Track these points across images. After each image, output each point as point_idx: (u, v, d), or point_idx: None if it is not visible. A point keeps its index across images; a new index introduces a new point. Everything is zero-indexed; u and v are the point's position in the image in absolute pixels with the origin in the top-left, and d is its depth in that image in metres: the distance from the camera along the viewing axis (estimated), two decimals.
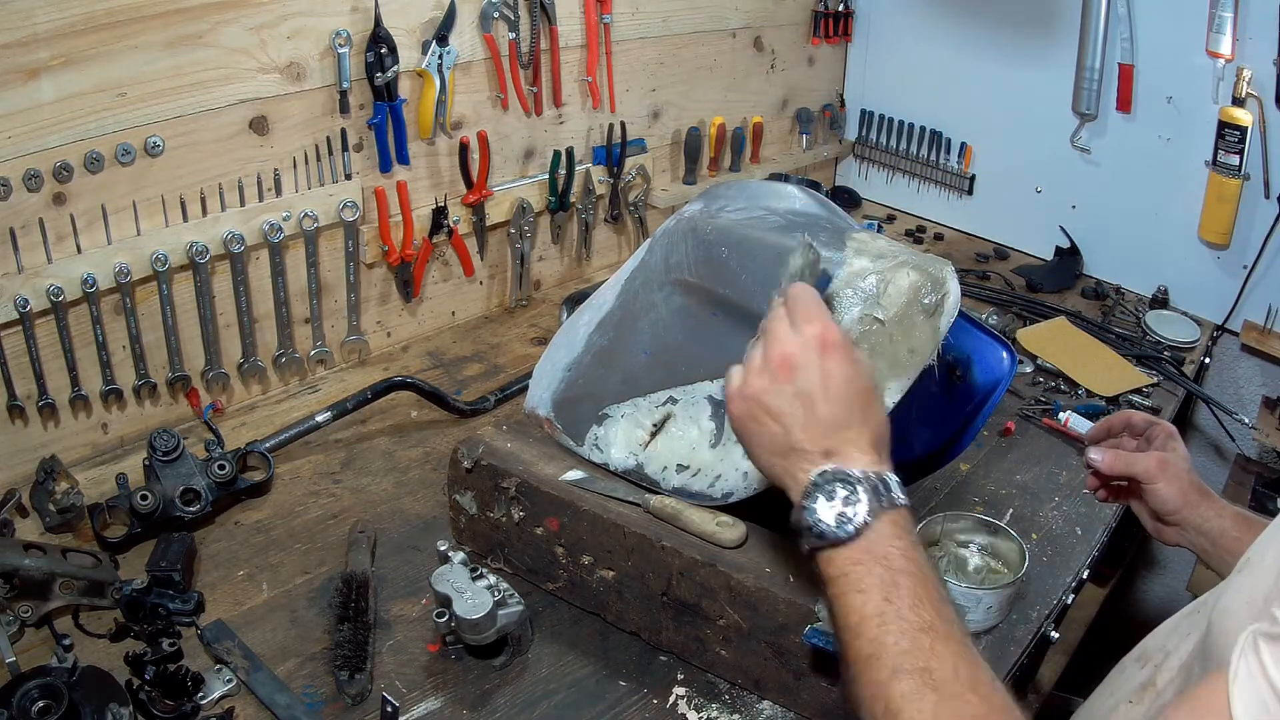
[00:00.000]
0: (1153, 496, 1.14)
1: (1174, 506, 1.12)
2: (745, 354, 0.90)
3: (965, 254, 2.40)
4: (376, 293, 1.80)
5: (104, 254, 1.38)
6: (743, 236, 1.22)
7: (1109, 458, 1.17)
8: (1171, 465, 1.14)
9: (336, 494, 1.46)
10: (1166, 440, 1.18)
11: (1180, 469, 1.14)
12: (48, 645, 1.15)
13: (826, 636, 0.99)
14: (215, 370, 1.58)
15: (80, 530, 1.33)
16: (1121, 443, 1.22)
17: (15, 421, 1.39)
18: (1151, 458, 1.14)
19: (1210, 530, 1.10)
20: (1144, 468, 1.14)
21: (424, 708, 1.10)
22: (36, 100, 1.27)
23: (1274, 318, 2.02)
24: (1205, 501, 1.12)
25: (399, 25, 1.61)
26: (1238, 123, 1.90)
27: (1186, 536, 1.13)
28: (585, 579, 1.21)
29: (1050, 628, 1.31)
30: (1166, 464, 1.14)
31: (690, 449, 1.21)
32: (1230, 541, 1.08)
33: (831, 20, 2.48)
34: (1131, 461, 1.15)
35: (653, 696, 1.14)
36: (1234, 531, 1.09)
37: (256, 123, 1.50)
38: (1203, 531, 1.11)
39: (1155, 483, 1.13)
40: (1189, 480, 1.13)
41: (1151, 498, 1.14)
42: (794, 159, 2.54)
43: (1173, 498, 1.12)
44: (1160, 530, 1.17)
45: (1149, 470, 1.14)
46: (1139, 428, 1.22)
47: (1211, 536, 1.10)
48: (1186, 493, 1.12)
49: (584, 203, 2.05)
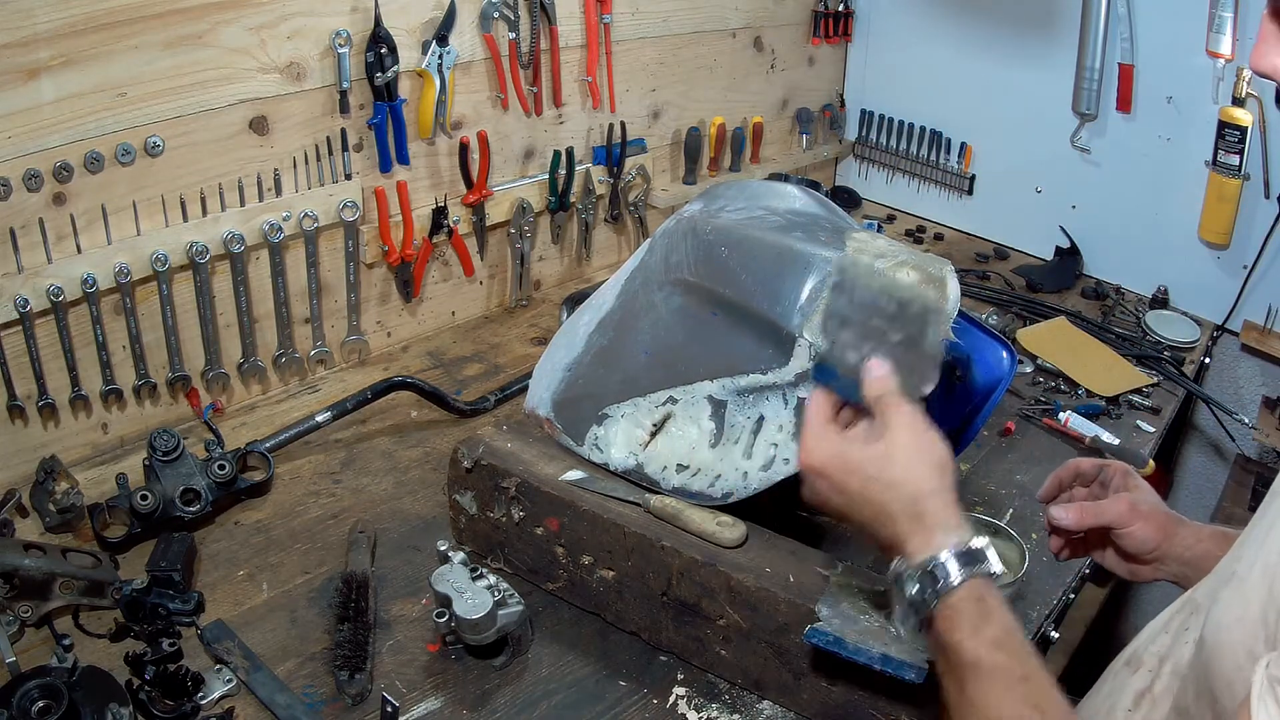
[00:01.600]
0: (1128, 540, 1.08)
1: (1152, 545, 1.07)
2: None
3: (965, 254, 2.40)
4: (376, 293, 1.80)
5: (104, 254, 1.38)
6: (743, 236, 1.22)
7: (1074, 513, 1.09)
8: (1141, 505, 1.08)
9: (336, 494, 1.46)
10: (1125, 480, 1.12)
11: (1150, 505, 1.09)
12: (48, 645, 1.15)
13: (826, 637, 0.99)
14: (215, 370, 1.58)
15: (80, 530, 1.33)
16: (1073, 494, 1.16)
17: (15, 421, 1.39)
18: (1121, 502, 1.08)
19: (1192, 558, 1.06)
20: (1115, 514, 1.08)
21: (424, 708, 1.10)
22: (36, 100, 1.27)
23: (1274, 318, 2.02)
24: (1182, 529, 1.07)
25: (399, 25, 1.61)
26: (1238, 123, 1.90)
27: (1166, 569, 1.08)
28: (585, 579, 1.21)
29: (1050, 628, 1.31)
30: (1136, 506, 1.08)
31: (690, 449, 1.21)
32: (1214, 563, 1.03)
33: (831, 20, 2.48)
34: (1100, 511, 1.09)
35: (653, 696, 1.14)
36: (1217, 552, 1.03)
37: (256, 123, 1.50)
38: (1185, 561, 1.06)
39: (1130, 526, 1.07)
40: (1162, 515, 1.08)
41: (1127, 541, 1.08)
42: (794, 159, 2.54)
43: (1150, 536, 1.07)
44: (1136, 571, 1.11)
45: (1121, 516, 1.07)
46: (1089, 475, 1.15)
47: (1194, 564, 1.05)
48: (1164, 527, 1.07)
49: (584, 203, 2.05)
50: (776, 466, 1.14)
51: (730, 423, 1.19)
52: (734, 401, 1.19)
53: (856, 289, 0.97)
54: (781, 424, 1.15)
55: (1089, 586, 2.07)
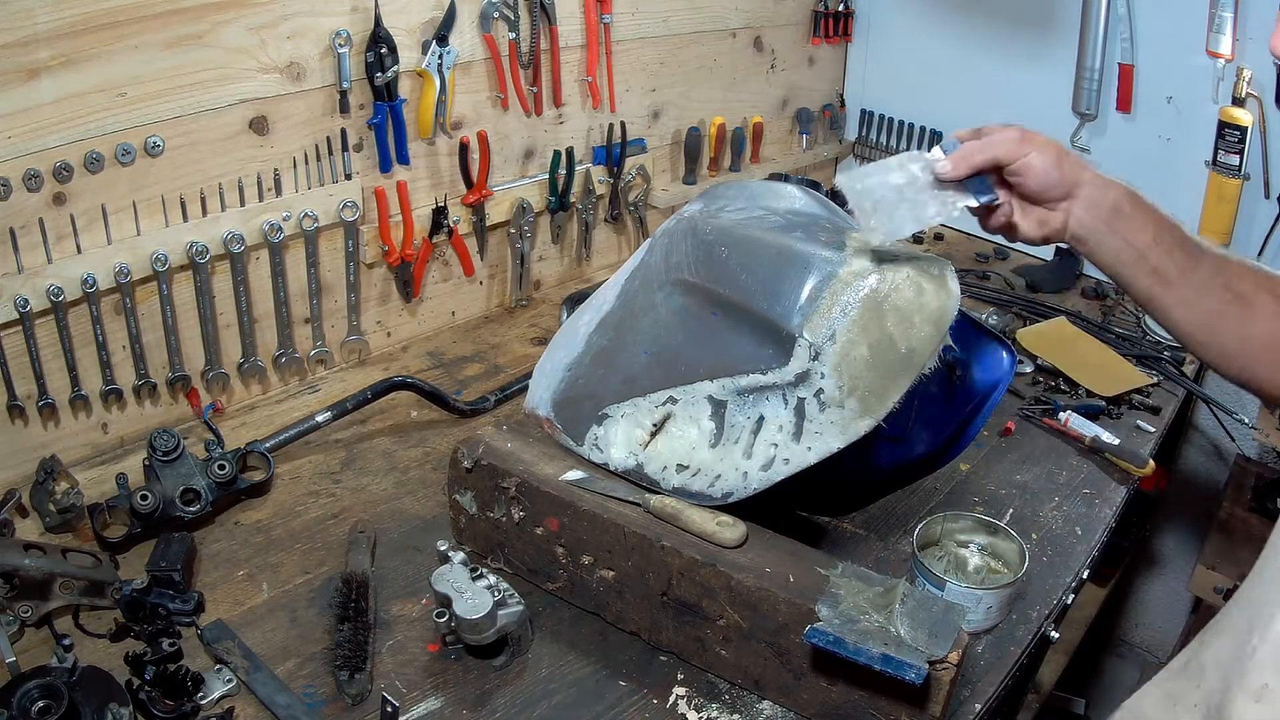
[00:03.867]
0: (1027, 175, 1.00)
1: (1055, 176, 1.00)
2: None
3: (965, 254, 2.40)
4: (376, 293, 1.80)
5: (104, 254, 1.38)
6: (743, 236, 1.23)
7: (954, 156, 1.01)
8: (1031, 135, 1.01)
9: (336, 494, 1.46)
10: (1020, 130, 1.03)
11: (1043, 139, 1.01)
12: (48, 645, 1.15)
13: (826, 637, 0.99)
14: (215, 370, 1.58)
15: (80, 530, 1.33)
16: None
17: (15, 421, 1.39)
18: (1010, 130, 1.00)
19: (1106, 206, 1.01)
20: (1004, 145, 1.00)
21: (424, 708, 1.10)
22: (36, 100, 1.27)
23: None
24: (1084, 171, 1.02)
25: (399, 25, 1.61)
26: (1238, 123, 1.90)
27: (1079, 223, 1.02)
28: (585, 579, 1.21)
29: (1050, 628, 1.31)
30: (1027, 134, 1.00)
31: (690, 449, 1.21)
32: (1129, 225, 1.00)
33: (831, 20, 2.48)
34: (987, 145, 1.01)
35: (653, 696, 1.14)
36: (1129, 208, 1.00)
37: (256, 123, 1.50)
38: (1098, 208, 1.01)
39: (1024, 156, 0.99)
40: (1057, 145, 1.01)
41: (1027, 178, 1.01)
42: (794, 159, 2.54)
43: (1049, 166, 1.00)
44: (1046, 221, 1.04)
45: (1010, 145, 1.00)
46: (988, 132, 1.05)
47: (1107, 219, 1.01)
48: (1062, 156, 1.00)
49: (584, 203, 2.05)
50: (776, 466, 1.14)
51: (730, 423, 1.19)
52: (734, 401, 1.19)
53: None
54: (781, 424, 1.15)
55: (1089, 586, 2.08)
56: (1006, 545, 1.29)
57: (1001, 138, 1.02)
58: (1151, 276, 1.03)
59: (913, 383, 1.11)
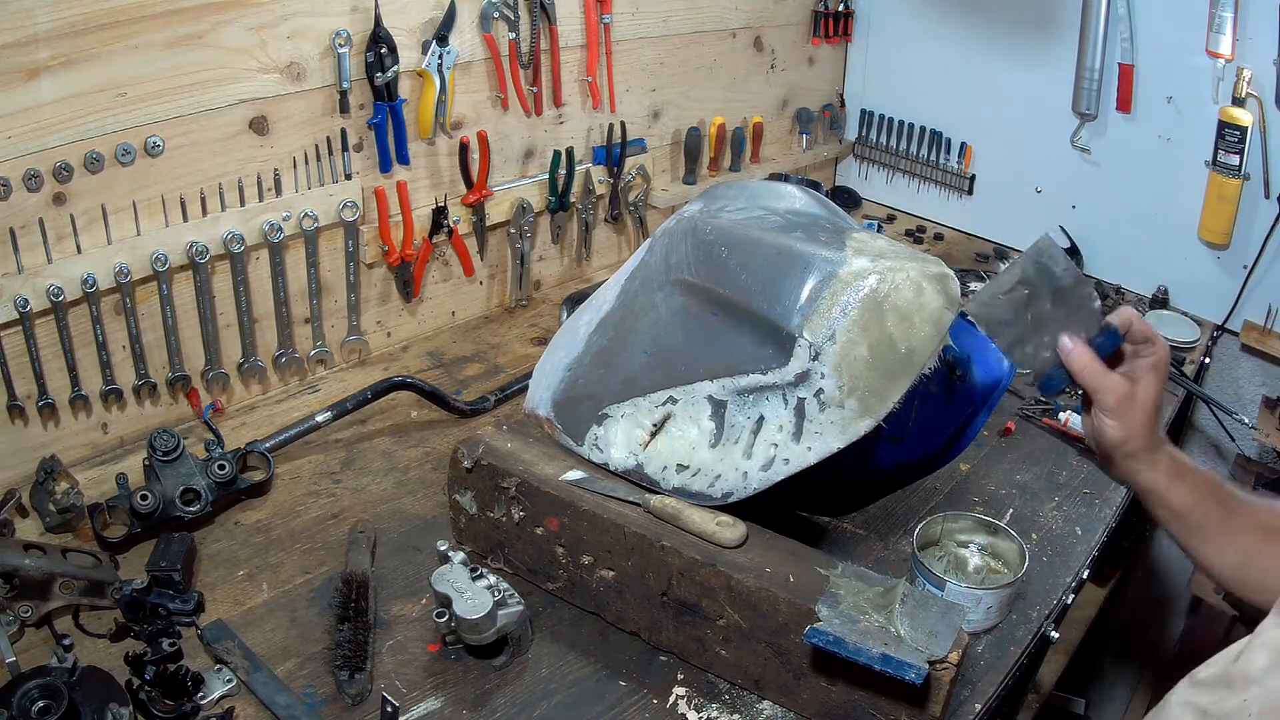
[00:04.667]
0: (1098, 435, 1.09)
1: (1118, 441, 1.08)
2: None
3: (965, 254, 2.40)
4: (376, 293, 1.80)
5: (104, 254, 1.38)
6: (743, 236, 1.23)
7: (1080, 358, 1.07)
8: (1136, 402, 1.07)
9: (336, 494, 1.46)
10: (1148, 371, 1.09)
11: (1144, 411, 1.07)
12: (48, 645, 1.15)
13: (826, 637, 0.99)
14: (215, 370, 1.58)
15: (80, 530, 1.33)
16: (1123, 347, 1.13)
17: (15, 421, 1.39)
18: (1121, 385, 1.07)
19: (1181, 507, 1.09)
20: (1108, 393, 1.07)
21: (424, 708, 1.10)
22: (36, 100, 1.27)
23: (1274, 318, 2.02)
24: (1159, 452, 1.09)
25: (399, 25, 1.61)
26: (1238, 123, 1.90)
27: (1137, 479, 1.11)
28: (585, 579, 1.21)
29: (1050, 628, 1.31)
30: (1132, 399, 1.06)
31: (690, 449, 1.21)
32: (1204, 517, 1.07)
33: (831, 20, 2.48)
34: (1098, 379, 1.07)
35: (653, 696, 1.14)
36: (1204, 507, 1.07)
37: (256, 123, 1.50)
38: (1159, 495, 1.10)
39: (1110, 416, 1.07)
40: (1141, 422, 1.07)
41: (1097, 423, 1.09)
42: (794, 159, 2.54)
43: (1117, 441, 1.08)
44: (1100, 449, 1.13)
45: (1107, 401, 1.07)
46: (1135, 338, 1.11)
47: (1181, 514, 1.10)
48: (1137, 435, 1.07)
49: (584, 203, 2.05)
50: (776, 466, 1.14)
51: (730, 423, 1.19)
52: (734, 401, 1.19)
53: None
54: (781, 424, 1.15)
55: (1089, 586, 2.08)
56: (1006, 545, 1.29)
57: (1110, 383, 1.08)
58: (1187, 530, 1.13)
59: (913, 383, 1.11)
